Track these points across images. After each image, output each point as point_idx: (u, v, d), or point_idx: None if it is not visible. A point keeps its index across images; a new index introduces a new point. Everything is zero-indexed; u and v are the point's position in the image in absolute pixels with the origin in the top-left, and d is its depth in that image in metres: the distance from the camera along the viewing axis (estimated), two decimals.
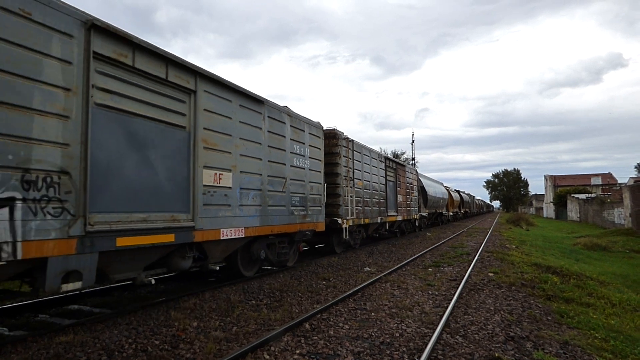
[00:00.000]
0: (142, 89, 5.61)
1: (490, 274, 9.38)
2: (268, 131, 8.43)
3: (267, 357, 4.29)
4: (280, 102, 8.32)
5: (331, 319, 5.66)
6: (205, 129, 6.63)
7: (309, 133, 10.19)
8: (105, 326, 5.20)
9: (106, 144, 5.09)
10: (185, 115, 6.32)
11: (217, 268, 7.36)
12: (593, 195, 48.25)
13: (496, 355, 4.45)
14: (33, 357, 4.20)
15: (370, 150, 15.03)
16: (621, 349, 4.89)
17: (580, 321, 5.91)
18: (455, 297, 6.80)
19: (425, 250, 13.83)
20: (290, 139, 9.30)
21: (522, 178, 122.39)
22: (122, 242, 5.12)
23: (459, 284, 7.96)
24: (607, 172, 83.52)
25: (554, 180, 74.54)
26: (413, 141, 64.34)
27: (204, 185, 6.53)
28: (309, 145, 10.17)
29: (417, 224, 22.88)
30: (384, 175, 16.46)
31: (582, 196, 48.39)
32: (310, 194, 10.12)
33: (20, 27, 4.18)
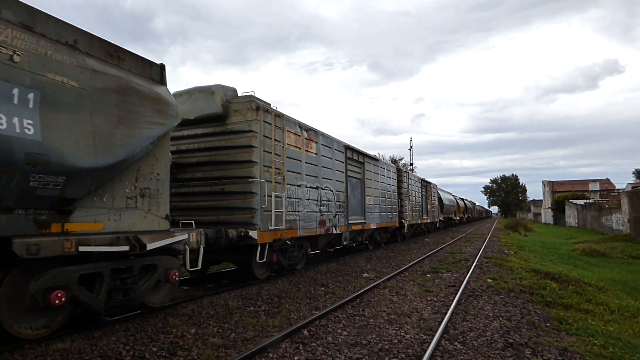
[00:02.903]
0: (353, 166, 13.77)
1: (488, 280, 9.37)
2: (380, 174, 16.61)
3: None
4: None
5: (330, 326, 5.64)
6: (367, 179, 14.86)
7: (392, 172, 18.70)
8: (102, 333, 5.17)
9: (349, 189, 13.03)
10: (360, 174, 14.42)
11: (367, 242, 16.15)
12: (591, 200, 48.29)
13: None
14: None
15: (415, 176, 24.29)
16: (620, 356, 4.88)
17: (579, 328, 5.90)
18: (453, 304, 6.79)
19: (423, 256, 13.82)
20: (386, 176, 17.55)
21: (520, 184, 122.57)
22: (353, 227, 13.04)
23: (458, 290, 7.95)
24: (604, 177, 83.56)
25: (552, 186, 74.67)
26: (411, 147, 64.35)
27: (366, 204, 14.56)
28: (392, 178, 18.50)
29: (437, 226, 31.47)
30: (420, 191, 24.53)
31: (580, 202, 48.47)
32: (393, 206, 18.27)
33: (338, 154, 12.29)
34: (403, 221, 19.41)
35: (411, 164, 61.51)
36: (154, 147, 5.85)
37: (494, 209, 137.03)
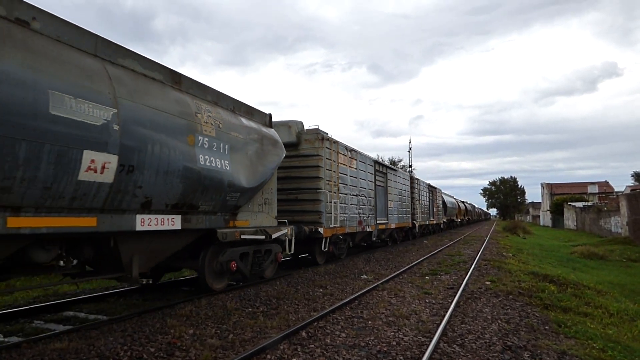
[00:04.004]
0: (379, 176, 16.77)
1: (487, 283, 9.37)
2: (398, 182, 19.54)
3: None
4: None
5: (328, 327, 5.63)
6: (389, 186, 17.62)
7: (406, 179, 21.80)
8: (100, 333, 5.16)
9: (377, 196, 16.10)
10: (384, 182, 17.26)
11: (388, 239, 18.73)
12: (590, 203, 48.38)
13: None
14: None
15: (424, 182, 26.94)
16: None
17: (578, 331, 5.90)
18: (452, 306, 6.78)
19: (422, 258, 13.82)
20: (402, 184, 20.46)
21: (519, 186, 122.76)
22: (379, 227, 16.17)
23: (456, 293, 7.94)
24: (603, 180, 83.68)
25: (551, 189, 74.69)
26: (410, 149, 64.18)
27: (388, 207, 17.43)
28: (406, 185, 21.46)
29: (441, 227, 34.46)
30: (428, 195, 27.62)
31: (579, 204, 48.52)
32: (407, 209, 21.26)
33: (369, 168, 15.40)
34: (415, 222, 22.63)
35: (410, 166, 61.49)
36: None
37: (493, 211, 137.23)
